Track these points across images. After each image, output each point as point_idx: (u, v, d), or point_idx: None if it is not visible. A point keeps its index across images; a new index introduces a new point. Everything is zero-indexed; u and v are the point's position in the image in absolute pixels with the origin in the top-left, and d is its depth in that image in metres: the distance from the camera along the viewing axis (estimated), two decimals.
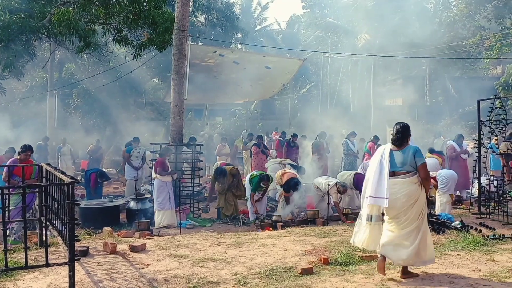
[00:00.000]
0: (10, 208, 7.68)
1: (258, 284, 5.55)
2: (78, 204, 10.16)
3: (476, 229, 8.45)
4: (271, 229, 9.57)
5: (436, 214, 9.11)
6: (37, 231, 7.28)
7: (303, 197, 11.58)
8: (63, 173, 5.75)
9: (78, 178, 12.24)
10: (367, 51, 32.74)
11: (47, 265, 5.20)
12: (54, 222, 5.88)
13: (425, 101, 33.48)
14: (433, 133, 21.14)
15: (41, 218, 6.40)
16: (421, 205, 5.59)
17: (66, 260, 4.94)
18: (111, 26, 15.08)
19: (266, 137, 21.45)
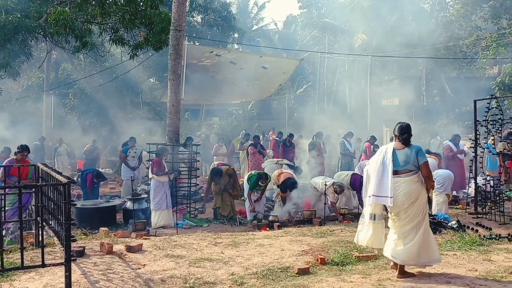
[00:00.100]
0: (6, 208, 7.69)
1: (255, 284, 5.54)
2: (75, 204, 10.10)
3: (472, 229, 8.47)
4: (268, 229, 9.56)
5: (433, 214, 9.11)
6: (33, 231, 7.27)
7: (300, 197, 11.58)
8: (59, 173, 5.73)
9: (74, 178, 12.25)
10: (363, 51, 32.78)
11: (43, 265, 5.18)
12: (50, 223, 5.87)
13: (422, 101, 33.52)
14: (430, 133, 21.19)
15: (37, 218, 6.38)
16: (421, 204, 5.64)
17: (63, 261, 4.94)
18: (108, 26, 15.05)
19: (262, 136, 21.41)
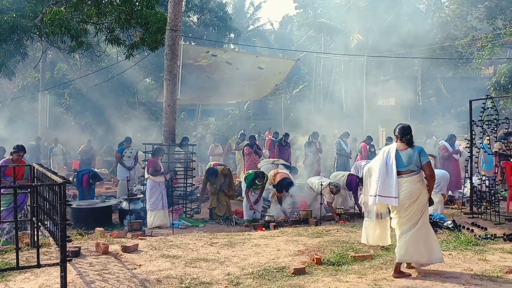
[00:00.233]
0: (2, 208, 7.65)
1: (250, 284, 5.54)
2: (70, 205, 10.08)
3: (468, 228, 8.50)
4: (264, 229, 9.56)
5: (429, 214, 9.13)
6: (28, 231, 7.25)
7: (296, 197, 11.58)
8: (55, 173, 5.72)
9: (70, 179, 12.22)
10: (359, 51, 32.79)
11: (38, 266, 5.17)
12: (45, 223, 5.85)
13: (418, 101, 33.58)
14: (425, 133, 21.21)
15: (33, 218, 6.37)
16: (422, 203, 5.78)
17: (58, 261, 4.92)
18: (103, 26, 15.01)
19: (258, 136, 21.41)
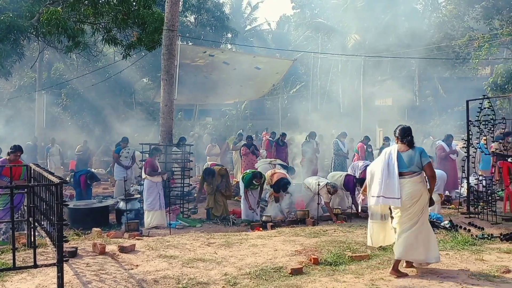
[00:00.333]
0: None
1: (248, 285, 5.54)
2: (67, 205, 10.07)
3: (465, 228, 8.51)
4: (261, 229, 9.56)
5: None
6: (25, 232, 7.23)
7: (293, 197, 11.58)
8: (52, 173, 5.71)
9: (67, 179, 12.19)
10: (356, 51, 32.81)
11: (35, 266, 5.16)
12: (42, 223, 5.83)
13: (415, 101, 33.61)
14: (422, 133, 21.21)
15: (30, 218, 6.35)
16: (422, 203, 5.85)
17: (55, 261, 4.92)
18: (100, 26, 14.98)
19: (255, 136, 21.40)
